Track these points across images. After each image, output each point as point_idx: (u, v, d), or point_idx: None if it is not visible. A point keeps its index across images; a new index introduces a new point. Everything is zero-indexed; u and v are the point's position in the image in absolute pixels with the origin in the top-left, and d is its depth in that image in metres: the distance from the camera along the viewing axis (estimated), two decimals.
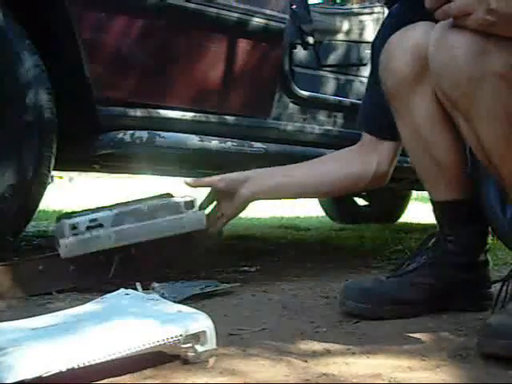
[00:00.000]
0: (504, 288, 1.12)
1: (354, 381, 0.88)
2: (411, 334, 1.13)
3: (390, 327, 1.18)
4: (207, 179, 1.48)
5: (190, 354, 0.91)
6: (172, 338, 0.88)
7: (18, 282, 1.36)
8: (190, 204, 1.46)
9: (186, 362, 0.91)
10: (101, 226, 1.39)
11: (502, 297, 1.13)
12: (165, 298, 1.32)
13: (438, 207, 1.31)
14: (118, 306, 1.02)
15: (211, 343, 0.92)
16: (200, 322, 0.93)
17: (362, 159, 1.42)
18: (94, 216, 1.40)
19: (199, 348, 0.91)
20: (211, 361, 0.93)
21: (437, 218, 1.33)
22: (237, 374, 0.89)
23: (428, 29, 1.19)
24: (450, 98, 1.05)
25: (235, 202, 1.45)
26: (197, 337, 0.91)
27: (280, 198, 1.50)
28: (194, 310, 0.98)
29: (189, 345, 0.90)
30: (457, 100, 1.03)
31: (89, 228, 1.38)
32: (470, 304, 1.31)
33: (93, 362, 0.81)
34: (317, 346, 1.04)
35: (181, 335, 0.89)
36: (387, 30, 1.39)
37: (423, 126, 1.24)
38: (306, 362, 0.96)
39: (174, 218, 1.44)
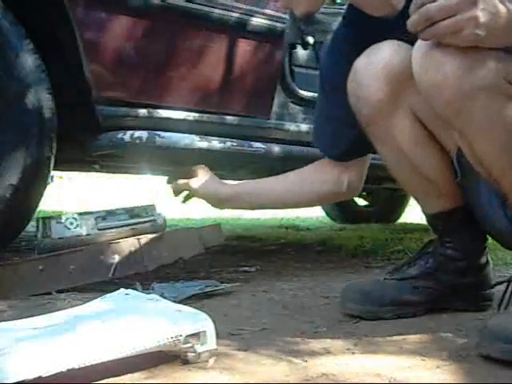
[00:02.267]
0: (509, 289, 1.12)
1: (354, 381, 0.88)
2: (411, 334, 1.13)
3: (390, 327, 1.18)
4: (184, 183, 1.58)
5: (190, 354, 0.91)
6: (172, 337, 0.88)
7: (18, 281, 1.36)
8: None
9: (185, 362, 0.91)
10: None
11: (505, 298, 1.12)
12: (165, 297, 1.32)
13: (433, 219, 1.31)
14: (117, 306, 1.02)
15: (211, 343, 0.92)
16: (200, 321, 0.93)
17: (335, 179, 1.45)
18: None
19: (199, 348, 0.91)
20: (211, 361, 0.93)
21: (432, 227, 1.33)
22: (237, 373, 0.89)
23: (394, 47, 1.17)
24: (443, 117, 1.02)
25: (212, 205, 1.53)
26: (197, 337, 0.91)
27: (251, 208, 1.59)
28: (194, 310, 0.98)
29: (189, 345, 0.91)
30: (451, 118, 1.01)
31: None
32: (471, 305, 1.30)
33: (93, 362, 0.82)
34: (317, 346, 1.04)
35: (181, 335, 0.89)
36: (336, 46, 1.42)
37: (408, 147, 1.23)
38: (305, 361, 0.96)
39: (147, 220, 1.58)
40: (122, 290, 1.11)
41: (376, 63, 1.18)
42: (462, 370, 0.94)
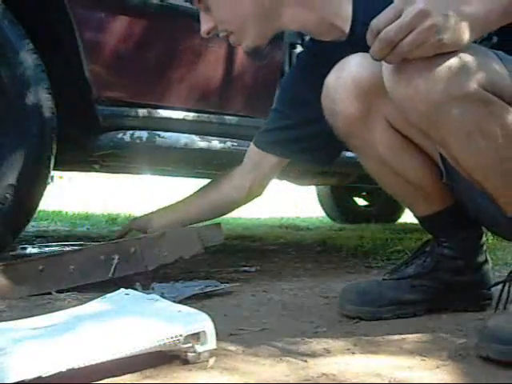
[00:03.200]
0: (505, 289, 1.12)
1: (354, 381, 0.88)
2: (411, 334, 1.13)
3: (389, 327, 1.18)
4: (125, 227, 1.73)
5: (190, 354, 0.91)
6: (172, 337, 0.88)
7: (18, 281, 1.36)
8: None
9: (185, 362, 0.91)
10: None
11: (503, 298, 1.12)
12: (165, 298, 1.32)
13: (424, 222, 1.31)
14: (117, 306, 1.02)
15: (211, 343, 0.92)
16: (200, 321, 0.92)
17: (235, 184, 1.56)
18: None
19: (199, 348, 0.91)
20: (211, 361, 0.93)
21: (427, 229, 1.33)
22: (237, 373, 0.89)
23: (361, 60, 1.16)
24: (420, 129, 1.02)
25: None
26: (197, 337, 0.91)
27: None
28: (194, 310, 0.98)
29: (189, 345, 0.90)
30: (428, 129, 1.00)
31: None
32: (470, 304, 1.30)
33: (93, 362, 0.81)
34: (317, 346, 1.04)
35: (181, 335, 0.89)
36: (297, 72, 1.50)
37: (388, 156, 1.23)
38: (305, 362, 0.96)
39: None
40: (121, 290, 1.11)
41: (345, 78, 1.19)
42: (462, 370, 0.94)
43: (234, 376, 0.88)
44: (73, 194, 7.37)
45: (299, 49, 2.13)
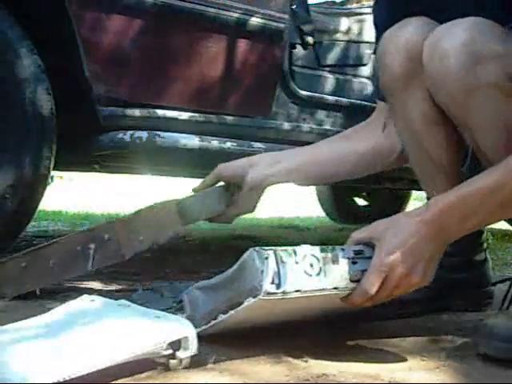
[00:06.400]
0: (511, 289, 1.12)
1: (354, 381, 0.88)
2: (411, 334, 1.13)
3: (389, 327, 1.18)
4: (210, 176, 1.35)
5: (172, 361, 0.88)
6: (156, 344, 0.85)
7: (5, 280, 1.29)
8: None
9: (167, 368, 0.89)
10: None
11: (507, 298, 1.12)
12: (165, 298, 1.32)
13: None
14: (92, 314, 0.95)
15: (193, 349, 0.89)
16: (182, 328, 0.90)
17: (385, 132, 1.30)
18: None
19: (181, 354, 0.89)
20: (211, 361, 0.93)
21: None
22: (237, 373, 0.89)
23: (419, 24, 1.16)
24: (445, 108, 1.03)
25: (244, 189, 1.30)
26: (178, 343, 0.88)
27: (294, 182, 1.35)
28: (174, 316, 0.95)
29: (170, 351, 0.88)
30: (453, 110, 1.01)
31: None
32: (471, 303, 1.30)
33: (72, 376, 0.77)
34: (317, 346, 1.04)
35: (164, 341, 0.86)
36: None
37: (417, 123, 1.21)
38: (305, 362, 0.96)
39: None
40: (85, 295, 1.03)
41: (399, 38, 1.18)
42: (462, 370, 0.94)
43: (234, 376, 0.88)
44: (73, 194, 7.36)
45: (299, 49, 2.13)
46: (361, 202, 4.05)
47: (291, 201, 6.88)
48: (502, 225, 3.14)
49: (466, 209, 0.96)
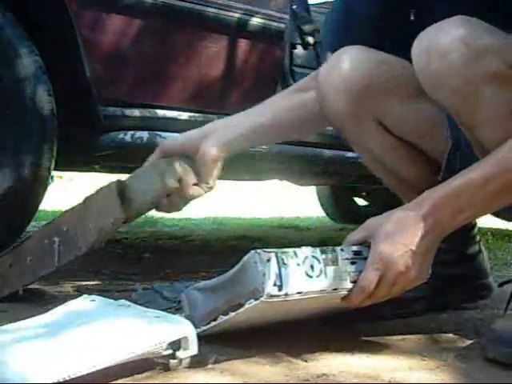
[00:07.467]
0: None
1: (354, 381, 0.88)
2: (411, 334, 1.13)
3: (390, 327, 1.18)
4: (155, 152, 1.19)
5: (172, 361, 0.88)
6: (156, 344, 0.85)
7: None
8: None
9: (167, 369, 0.89)
10: None
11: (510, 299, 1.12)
12: (165, 298, 1.32)
13: None
14: (90, 314, 0.95)
15: (193, 349, 0.89)
16: (182, 327, 0.90)
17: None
18: None
19: (181, 354, 0.89)
20: (211, 361, 0.93)
21: None
22: (237, 373, 0.89)
23: (353, 57, 1.14)
24: (450, 107, 1.02)
25: (199, 163, 1.14)
26: (178, 343, 0.88)
27: (252, 146, 1.29)
28: (173, 316, 0.95)
29: (170, 351, 0.88)
30: (458, 107, 1.00)
31: None
32: (471, 296, 1.30)
33: (72, 376, 0.78)
34: (317, 346, 1.04)
35: (164, 341, 0.86)
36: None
37: (379, 154, 1.21)
38: (305, 361, 0.96)
39: None
40: (85, 295, 1.03)
41: (335, 76, 1.15)
42: (462, 370, 0.94)
43: (235, 376, 0.88)
44: (73, 194, 7.36)
45: (299, 49, 2.13)
46: (361, 202, 4.05)
47: (291, 201, 6.88)
48: (502, 225, 3.14)
49: (461, 200, 0.96)
